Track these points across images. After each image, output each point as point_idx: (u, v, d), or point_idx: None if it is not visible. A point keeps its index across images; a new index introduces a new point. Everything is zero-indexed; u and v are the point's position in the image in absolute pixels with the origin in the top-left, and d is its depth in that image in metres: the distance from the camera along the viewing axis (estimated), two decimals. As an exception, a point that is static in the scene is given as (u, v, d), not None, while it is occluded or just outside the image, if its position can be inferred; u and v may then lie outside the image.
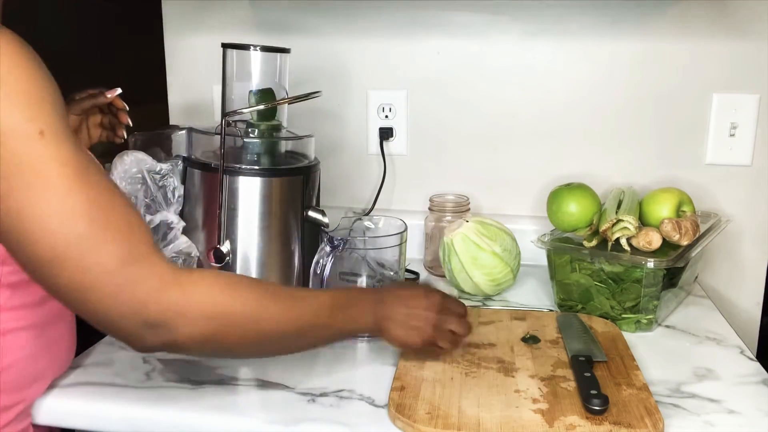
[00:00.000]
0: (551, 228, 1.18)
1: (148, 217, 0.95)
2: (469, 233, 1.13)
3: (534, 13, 1.27)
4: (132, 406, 0.82)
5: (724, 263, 1.30)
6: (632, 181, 1.29)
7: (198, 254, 0.97)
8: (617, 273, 1.03)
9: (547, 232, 1.17)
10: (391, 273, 0.99)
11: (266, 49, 0.97)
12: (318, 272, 0.94)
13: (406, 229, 1.00)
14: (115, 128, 1.03)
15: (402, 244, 0.99)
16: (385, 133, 1.36)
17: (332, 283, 0.96)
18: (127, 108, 1.00)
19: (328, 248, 0.94)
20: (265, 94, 0.98)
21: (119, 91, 1.00)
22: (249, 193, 0.94)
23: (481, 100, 1.33)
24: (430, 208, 1.28)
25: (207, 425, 0.80)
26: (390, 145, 1.37)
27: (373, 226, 1.05)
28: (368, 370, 0.91)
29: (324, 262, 0.94)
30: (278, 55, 1.00)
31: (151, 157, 0.97)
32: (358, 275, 1.01)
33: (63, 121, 0.66)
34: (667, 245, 1.05)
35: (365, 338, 0.99)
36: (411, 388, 0.83)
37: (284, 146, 1.00)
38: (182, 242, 0.96)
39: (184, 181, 0.98)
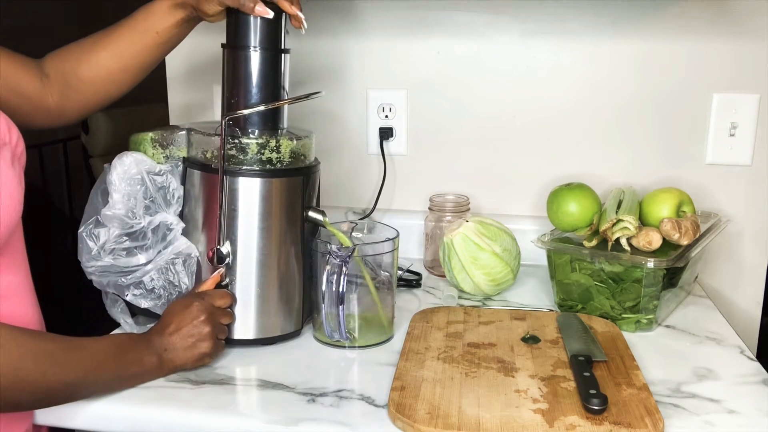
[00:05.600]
0: (551, 228, 1.18)
1: (148, 218, 0.95)
2: (469, 233, 1.13)
3: (534, 13, 1.27)
4: (132, 406, 0.82)
5: (724, 263, 1.30)
6: (632, 181, 1.29)
7: (197, 255, 0.97)
8: (617, 273, 1.03)
9: (547, 232, 1.17)
10: (387, 274, 0.99)
11: (266, 48, 0.97)
12: (335, 288, 0.92)
13: (397, 236, 0.99)
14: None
15: (395, 250, 0.99)
16: (385, 133, 1.36)
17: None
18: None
19: (337, 261, 0.92)
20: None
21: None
22: (249, 193, 0.94)
23: (481, 99, 1.33)
24: (430, 208, 1.28)
25: (207, 425, 0.80)
26: (390, 145, 1.37)
27: (360, 235, 1.04)
28: (368, 370, 0.91)
29: (338, 275, 0.91)
30: (279, 54, 0.99)
31: (150, 158, 0.97)
32: (360, 276, 1.01)
33: None
34: (667, 245, 1.05)
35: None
36: (411, 388, 0.83)
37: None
38: (182, 243, 0.96)
39: (183, 182, 0.98)
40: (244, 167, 0.93)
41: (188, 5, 0.94)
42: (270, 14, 0.92)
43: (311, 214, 0.98)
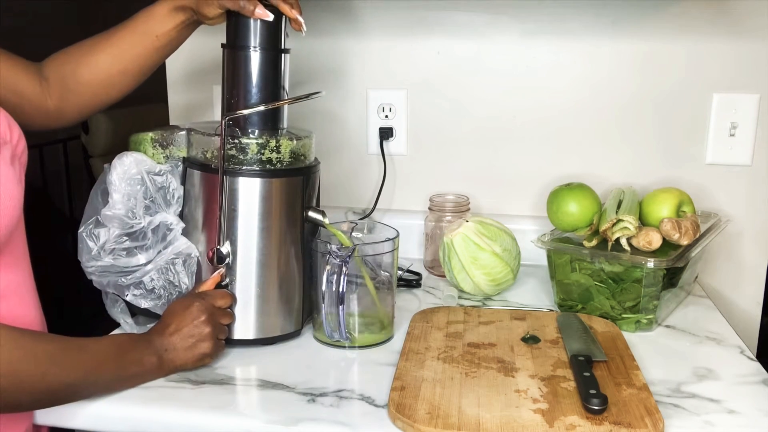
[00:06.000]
0: (551, 228, 1.18)
1: (148, 218, 0.95)
2: (469, 233, 1.13)
3: (534, 13, 1.27)
4: (132, 406, 0.82)
5: (724, 263, 1.30)
6: (632, 181, 1.29)
7: (197, 255, 0.97)
8: (617, 273, 1.03)
9: (547, 232, 1.17)
10: (387, 274, 0.99)
11: (266, 49, 0.97)
12: (335, 288, 0.92)
13: (397, 236, 1.00)
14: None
15: (395, 250, 0.99)
16: (385, 133, 1.36)
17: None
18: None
19: (337, 261, 0.92)
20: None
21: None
22: (249, 194, 0.94)
23: (481, 99, 1.33)
24: (430, 208, 1.28)
25: (207, 425, 0.80)
26: (390, 145, 1.37)
27: (361, 235, 1.04)
28: (368, 370, 0.92)
29: (338, 275, 0.92)
30: (278, 54, 0.99)
31: (150, 158, 0.97)
32: (359, 276, 1.01)
33: None
34: (667, 245, 1.05)
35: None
36: (411, 388, 0.83)
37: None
38: (182, 243, 0.96)
39: (183, 182, 0.98)
40: (244, 167, 0.93)
41: (188, 8, 0.94)
42: (270, 17, 0.92)
43: (311, 214, 0.98)
